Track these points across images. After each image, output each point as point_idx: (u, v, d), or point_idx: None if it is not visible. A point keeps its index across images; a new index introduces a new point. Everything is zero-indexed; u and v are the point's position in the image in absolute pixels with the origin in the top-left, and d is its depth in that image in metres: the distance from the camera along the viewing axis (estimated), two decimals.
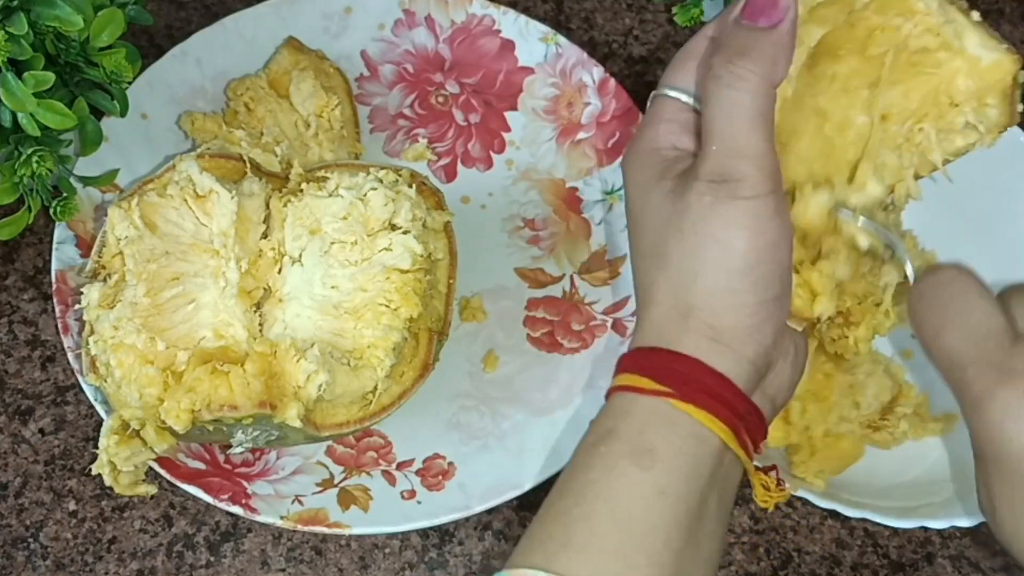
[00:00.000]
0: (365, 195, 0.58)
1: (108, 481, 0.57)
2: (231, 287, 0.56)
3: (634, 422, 0.47)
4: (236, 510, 0.59)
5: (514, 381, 0.65)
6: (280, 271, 0.58)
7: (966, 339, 0.45)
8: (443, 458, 0.62)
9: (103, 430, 0.56)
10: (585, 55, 0.71)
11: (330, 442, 0.62)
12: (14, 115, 0.57)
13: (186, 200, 0.58)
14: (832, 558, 0.64)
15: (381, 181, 0.59)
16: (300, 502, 0.60)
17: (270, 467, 0.61)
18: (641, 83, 0.76)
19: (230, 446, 0.57)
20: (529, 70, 0.72)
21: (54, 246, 0.63)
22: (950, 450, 0.64)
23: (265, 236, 0.59)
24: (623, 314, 0.66)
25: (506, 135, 0.72)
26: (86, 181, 0.63)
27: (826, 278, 0.50)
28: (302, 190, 0.59)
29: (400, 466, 0.62)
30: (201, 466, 0.60)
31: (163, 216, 0.57)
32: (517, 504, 0.63)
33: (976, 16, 0.47)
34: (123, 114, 0.63)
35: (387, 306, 0.57)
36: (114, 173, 0.64)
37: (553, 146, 0.71)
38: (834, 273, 0.50)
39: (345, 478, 0.61)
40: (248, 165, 0.60)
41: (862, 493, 0.61)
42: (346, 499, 0.60)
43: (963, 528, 0.63)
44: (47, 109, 0.57)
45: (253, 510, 0.59)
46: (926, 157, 0.49)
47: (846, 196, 0.48)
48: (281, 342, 0.55)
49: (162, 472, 0.59)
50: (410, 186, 0.60)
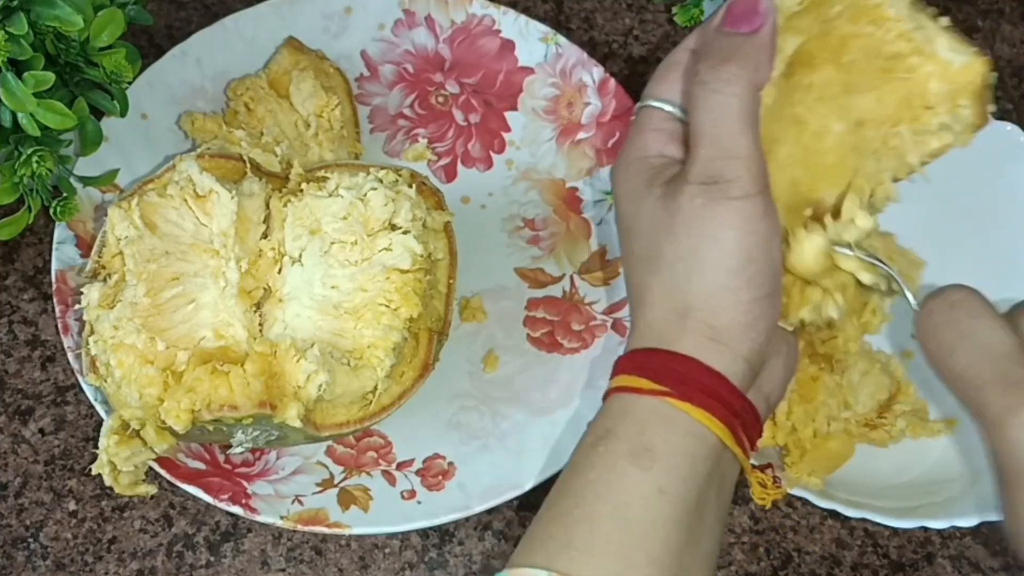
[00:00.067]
0: (365, 195, 0.58)
1: (108, 481, 0.57)
2: (231, 287, 0.56)
3: (633, 422, 0.47)
4: (236, 510, 0.59)
5: (514, 381, 0.65)
6: (280, 271, 0.58)
7: (980, 359, 0.45)
8: (443, 458, 0.62)
9: (103, 430, 0.56)
10: (585, 55, 0.71)
11: (330, 442, 0.62)
12: (14, 115, 0.57)
13: (186, 200, 0.58)
14: (832, 558, 0.64)
15: (381, 181, 0.59)
16: (300, 502, 0.60)
17: (270, 467, 0.61)
18: (641, 83, 0.75)
19: (230, 446, 0.57)
20: (529, 70, 0.72)
21: (54, 246, 0.63)
22: (957, 445, 0.64)
23: (265, 236, 0.59)
24: (623, 314, 0.66)
25: (506, 135, 0.72)
26: (86, 181, 0.63)
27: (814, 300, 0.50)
28: (302, 190, 0.59)
29: (400, 466, 0.62)
30: (201, 466, 0.60)
31: (163, 216, 0.57)
32: (517, 504, 0.63)
33: (945, 21, 0.48)
34: (123, 114, 0.63)
35: (387, 306, 0.57)
36: (114, 173, 0.64)
37: (553, 146, 0.71)
38: (832, 309, 0.50)
39: (345, 478, 0.61)
40: (248, 165, 0.60)
41: (862, 493, 0.61)
42: (346, 499, 0.60)
43: (963, 528, 0.63)
44: (47, 109, 0.57)
45: (253, 510, 0.59)
46: (903, 160, 0.49)
47: (839, 234, 0.48)
48: (281, 342, 0.55)
49: (162, 472, 0.59)
50: (410, 186, 0.60)
